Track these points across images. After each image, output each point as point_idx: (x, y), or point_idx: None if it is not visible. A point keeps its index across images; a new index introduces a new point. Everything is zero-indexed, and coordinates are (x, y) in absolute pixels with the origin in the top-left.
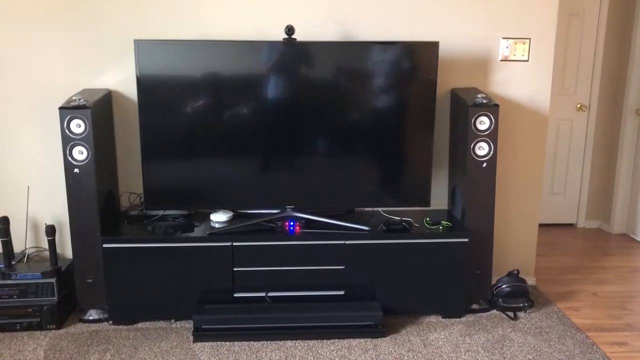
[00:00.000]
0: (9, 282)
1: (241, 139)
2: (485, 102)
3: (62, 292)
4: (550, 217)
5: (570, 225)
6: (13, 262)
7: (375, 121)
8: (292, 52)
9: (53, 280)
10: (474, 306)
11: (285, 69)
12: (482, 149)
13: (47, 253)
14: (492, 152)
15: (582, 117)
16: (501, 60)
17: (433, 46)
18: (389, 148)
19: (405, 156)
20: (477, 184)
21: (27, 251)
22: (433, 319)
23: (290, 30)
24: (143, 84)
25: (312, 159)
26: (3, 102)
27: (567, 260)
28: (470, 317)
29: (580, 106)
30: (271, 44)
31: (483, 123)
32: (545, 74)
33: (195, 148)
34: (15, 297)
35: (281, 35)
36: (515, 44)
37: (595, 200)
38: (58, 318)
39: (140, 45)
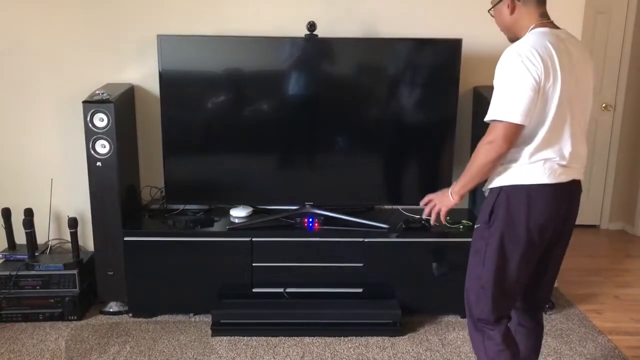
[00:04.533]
0: (32, 272)
1: (261, 135)
2: None
3: (83, 284)
4: None
5: (594, 226)
6: (36, 254)
7: (396, 118)
8: (313, 48)
9: (75, 272)
10: None
11: (307, 65)
12: None
13: (70, 245)
14: None
15: (607, 116)
16: None
17: (456, 43)
18: (410, 146)
19: (427, 154)
20: None
21: (50, 243)
22: (452, 318)
23: (312, 26)
24: (165, 79)
25: (332, 156)
26: (28, 96)
27: (590, 262)
28: None
29: (606, 106)
30: (293, 40)
31: None
32: None
33: (216, 143)
34: (38, 287)
35: (303, 32)
36: None
37: (619, 201)
38: (79, 309)
39: (163, 41)
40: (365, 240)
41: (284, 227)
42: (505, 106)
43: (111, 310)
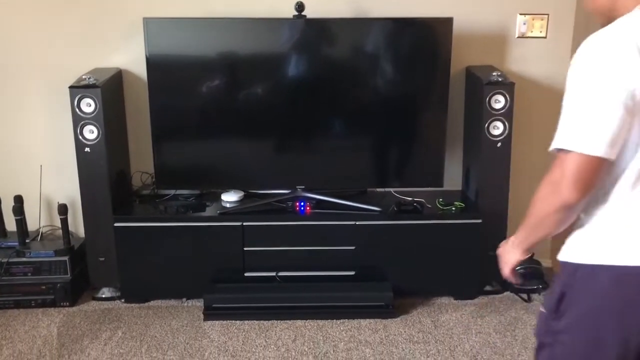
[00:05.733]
0: (23, 259)
1: (252, 119)
2: (500, 80)
3: (75, 270)
4: None
5: None
6: (27, 240)
7: (387, 100)
8: (302, 29)
9: (66, 258)
10: (487, 288)
11: (295, 47)
12: (497, 128)
13: (61, 231)
14: (507, 132)
15: None
16: (518, 37)
17: (447, 22)
18: (402, 127)
19: (418, 136)
20: (491, 164)
21: (41, 229)
22: (445, 300)
23: (300, 6)
24: (152, 63)
25: (323, 139)
26: (15, 81)
27: None
28: (482, 299)
29: None
30: (281, 21)
31: (498, 102)
32: (564, 52)
33: (206, 128)
34: (29, 274)
35: (291, 13)
36: (533, 20)
37: None
38: (71, 295)
39: (149, 24)
40: (357, 223)
41: (276, 211)
42: (580, 130)
43: (103, 296)
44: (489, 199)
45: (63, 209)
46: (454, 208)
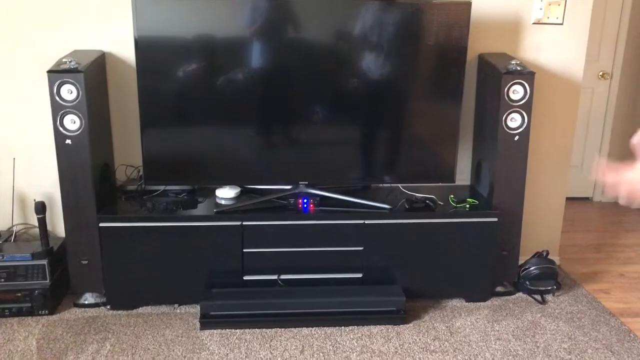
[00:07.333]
0: None
1: (250, 107)
2: (519, 69)
3: (54, 275)
4: (567, 190)
5: (587, 199)
6: None
7: (397, 89)
8: (304, 9)
9: (44, 262)
10: (499, 289)
11: (299, 28)
12: (514, 120)
13: (37, 230)
14: (525, 124)
15: (604, 85)
16: (533, 23)
17: (464, 6)
18: (412, 119)
19: (430, 128)
20: (507, 159)
21: (14, 229)
22: (457, 302)
23: None
24: (142, 44)
25: (327, 131)
26: None
27: (589, 237)
28: (495, 301)
29: (603, 74)
30: None
31: (517, 92)
32: (581, 39)
33: (199, 116)
34: (2, 280)
35: None
36: (550, 5)
37: None
38: (51, 303)
39: (139, 0)
40: (366, 222)
41: (277, 209)
42: None
43: (86, 302)
44: (503, 195)
45: (41, 208)
46: (467, 205)
